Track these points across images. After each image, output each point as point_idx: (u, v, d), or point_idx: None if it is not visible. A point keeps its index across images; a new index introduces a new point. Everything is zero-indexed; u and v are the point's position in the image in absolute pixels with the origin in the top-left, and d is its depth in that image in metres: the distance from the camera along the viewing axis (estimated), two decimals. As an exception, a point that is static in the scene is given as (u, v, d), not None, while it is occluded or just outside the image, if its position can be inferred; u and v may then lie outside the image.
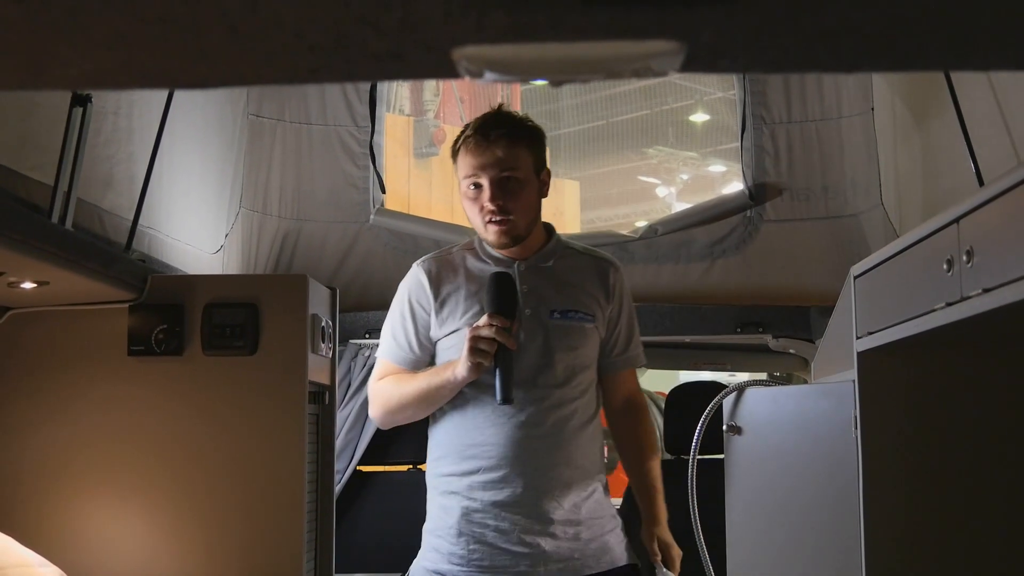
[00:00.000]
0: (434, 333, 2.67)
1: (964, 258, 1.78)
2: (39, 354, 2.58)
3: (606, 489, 2.75)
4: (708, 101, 13.92)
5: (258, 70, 1.01)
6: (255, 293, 2.60)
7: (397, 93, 7.45)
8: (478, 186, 2.58)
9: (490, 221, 2.59)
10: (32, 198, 2.37)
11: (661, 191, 14.45)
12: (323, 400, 2.85)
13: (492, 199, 2.57)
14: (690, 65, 0.92)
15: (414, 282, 2.71)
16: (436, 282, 2.68)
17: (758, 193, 4.01)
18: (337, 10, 0.83)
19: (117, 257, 2.50)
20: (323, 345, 2.77)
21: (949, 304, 1.86)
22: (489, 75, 0.93)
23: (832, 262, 3.86)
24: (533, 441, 2.59)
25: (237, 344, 2.57)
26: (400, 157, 7.30)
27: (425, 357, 2.70)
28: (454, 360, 2.56)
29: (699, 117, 14.29)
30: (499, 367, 2.46)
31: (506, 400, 2.47)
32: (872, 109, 3.78)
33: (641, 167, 14.68)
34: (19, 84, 1.16)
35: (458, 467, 2.63)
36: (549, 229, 2.77)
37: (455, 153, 2.64)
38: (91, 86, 1.03)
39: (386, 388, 2.69)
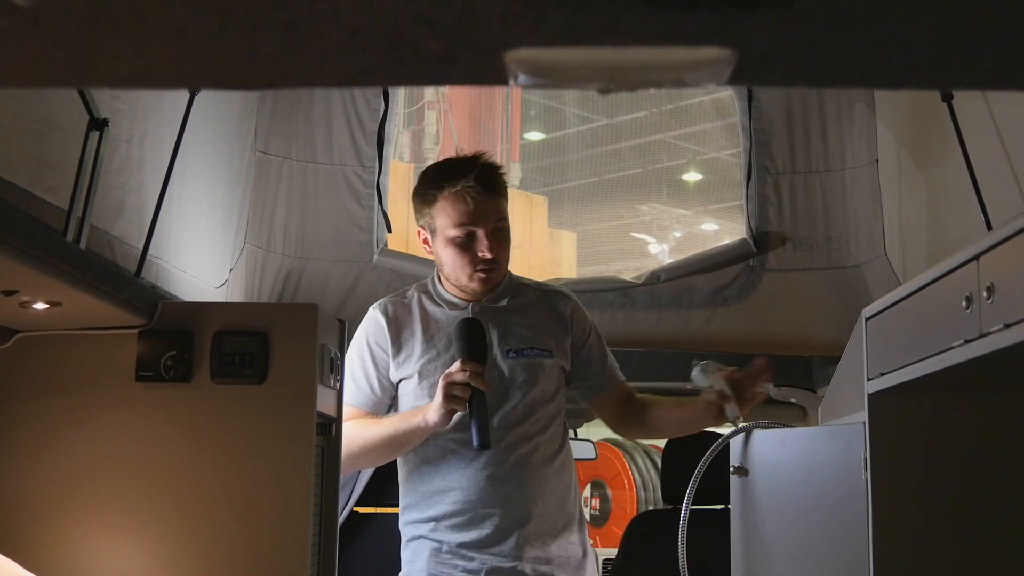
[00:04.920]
0: (392, 376, 2.67)
1: (984, 294, 1.78)
2: (46, 378, 2.56)
3: (582, 527, 2.73)
4: (701, 160, 14.04)
5: (307, 71, 1.02)
6: (265, 322, 2.58)
7: (398, 141, 7.50)
8: (471, 235, 2.59)
9: (480, 270, 2.60)
10: (45, 220, 2.37)
11: (654, 248, 14.53)
12: (330, 432, 2.83)
13: (491, 249, 2.58)
14: (738, 76, 0.92)
15: (372, 324, 2.73)
16: (393, 324, 2.70)
17: (761, 242, 4.03)
18: (396, 6, 0.83)
19: (129, 280, 2.50)
20: (331, 376, 2.75)
21: (967, 341, 1.86)
22: (538, 80, 0.94)
23: (834, 312, 3.88)
24: (495, 481, 2.60)
25: (246, 372, 2.55)
26: (400, 203, 7.31)
27: (386, 399, 2.70)
28: (423, 406, 2.55)
29: (692, 176, 14.41)
30: (475, 413, 2.46)
31: (484, 445, 2.46)
32: (876, 161, 3.81)
33: (634, 224, 14.79)
34: (65, 79, 1.16)
35: (423, 513, 2.64)
36: None
37: (435, 198, 2.62)
38: (137, 84, 1.03)
39: (349, 432, 2.66)
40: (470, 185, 2.57)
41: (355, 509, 3.90)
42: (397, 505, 4.01)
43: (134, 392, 2.55)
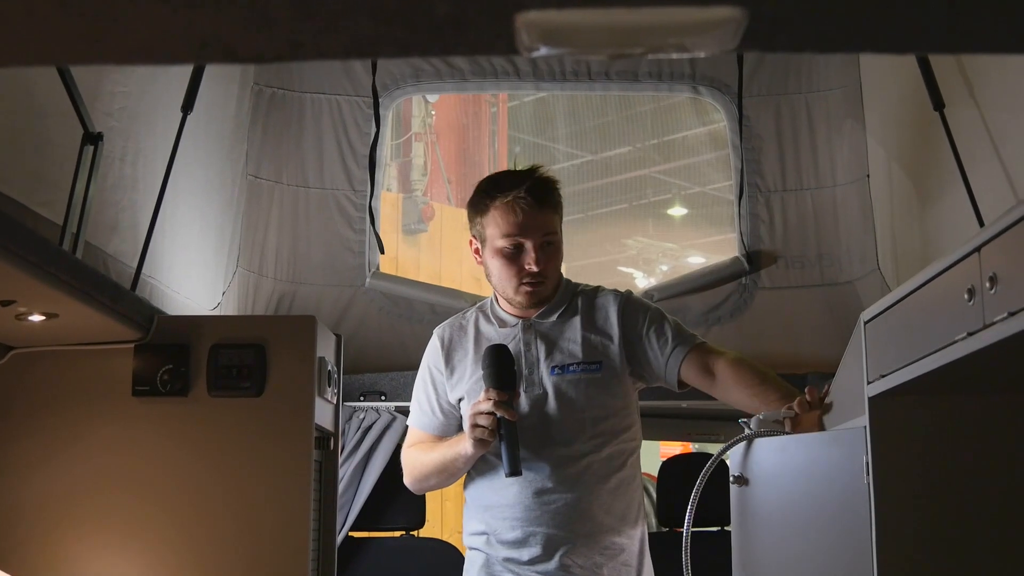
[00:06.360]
0: (451, 397, 2.68)
1: (987, 285, 1.77)
2: (42, 394, 2.54)
3: (643, 551, 2.68)
4: (686, 196, 14.08)
5: (317, 40, 1.01)
6: (262, 334, 2.57)
7: (386, 172, 7.51)
8: (518, 247, 2.57)
9: (527, 283, 2.59)
10: (41, 234, 2.36)
11: (641, 282, 14.53)
12: (327, 446, 2.81)
13: (537, 262, 2.57)
14: (748, 40, 0.92)
15: (430, 348, 2.75)
16: (447, 348, 2.70)
17: (753, 260, 4.03)
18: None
19: (126, 293, 2.48)
20: (329, 389, 2.74)
21: (971, 334, 1.85)
22: (547, 46, 0.93)
23: (828, 329, 3.87)
24: (541, 499, 2.57)
25: (243, 385, 2.54)
26: (389, 233, 7.33)
27: (450, 421, 2.70)
28: (464, 434, 2.56)
29: (677, 211, 14.46)
30: (503, 441, 2.44)
31: (513, 472, 2.46)
32: (867, 176, 3.82)
33: (621, 259, 14.80)
34: (75, 53, 1.15)
35: (477, 526, 2.64)
36: None
37: (487, 208, 2.61)
38: (148, 58, 1.02)
39: (413, 456, 2.71)
40: (521, 196, 2.56)
41: (350, 534, 3.86)
42: (393, 530, 3.99)
43: (131, 407, 2.54)
